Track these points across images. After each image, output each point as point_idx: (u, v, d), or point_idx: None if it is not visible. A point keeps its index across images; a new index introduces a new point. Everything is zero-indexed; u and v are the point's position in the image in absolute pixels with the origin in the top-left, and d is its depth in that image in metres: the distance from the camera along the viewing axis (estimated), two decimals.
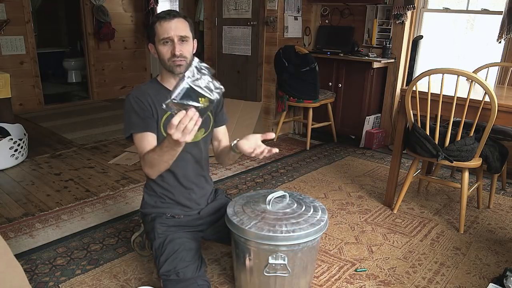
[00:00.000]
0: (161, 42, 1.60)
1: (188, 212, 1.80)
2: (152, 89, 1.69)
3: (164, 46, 1.61)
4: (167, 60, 1.62)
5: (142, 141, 1.64)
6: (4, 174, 3.08)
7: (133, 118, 1.63)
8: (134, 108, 1.63)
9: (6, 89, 3.30)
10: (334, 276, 1.93)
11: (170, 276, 1.59)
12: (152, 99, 1.66)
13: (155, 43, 1.63)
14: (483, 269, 2.02)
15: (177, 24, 1.60)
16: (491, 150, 2.37)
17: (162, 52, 1.62)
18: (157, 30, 1.60)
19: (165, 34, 1.59)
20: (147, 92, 1.67)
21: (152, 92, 1.67)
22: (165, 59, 1.62)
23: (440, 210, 2.65)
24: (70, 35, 7.45)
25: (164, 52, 1.61)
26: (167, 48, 1.61)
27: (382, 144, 3.98)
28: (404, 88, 2.71)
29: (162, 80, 1.72)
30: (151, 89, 1.69)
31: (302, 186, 2.98)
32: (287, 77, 3.78)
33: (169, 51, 1.61)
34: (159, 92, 1.68)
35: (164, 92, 1.68)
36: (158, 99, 1.65)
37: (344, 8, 4.13)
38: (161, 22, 1.59)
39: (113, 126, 4.45)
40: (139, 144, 1.64)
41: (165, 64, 1.65)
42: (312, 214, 1.65)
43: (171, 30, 1.59)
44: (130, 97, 1.65)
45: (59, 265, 1.97)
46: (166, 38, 1.59)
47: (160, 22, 1.59)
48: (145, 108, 1.63)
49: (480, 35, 3.57)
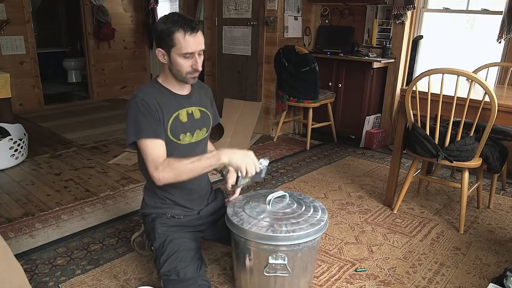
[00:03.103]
0: (182, 55, 1.56)
1: (188, 212, 1.80)
2: (156, 92, 1.67)
3: (184, 60, 1.57)
4: (185, 73, 1.61)
5: (155, 148, 1.59)
6: (4, 174, 3.08)
7: (142, 123, 1.59)
8: (142, 112, 1.59)
9: (6, 89, 3.30)
10: (334, 276, 1.93)
11: (171, 276, 1.59)
12: (158, 102, 1.63)
13: (170, 52, 1.58)
14: (483, 269, 2.02)
15: (200, 39, 1.57)
16: (491, 150, 2.37)
17: (181, 65, 1.58)
18: (178, 41, 1.54)
19: (188, 49, 1.55)
20: (152, 95, 1.64)
21: (157, 95, 1.65)
22: (182, 71, 1.60)
23: (440, 210, 2.65)
24: (70, 35, 7.45)
25: (185, 65, 1.58)
26: (188, 62, 1.58)
27: (382, 144, 3.98)
28: (404, 88, 2.71)
29: (165, 83, 1.70)
30: (155, 92, 1.66)
31: (302, 186, 2.98)
32: (287, 77, 3.78)
33: (190, 65, 1.59)
34: (163, 94, 1.67)
35: (168, 95, 1.68)
36: (163, 102, 1.64)
37: (344, 8, 4.13)
38: (185, 35, 1.53)
39: (113, 126, 4.45)
40: (152, 150, 1.58)
41: (180, 75, 1.62)
42: (312, 214, 1.65)
43: (196, 46, 1.56)
44: (137, 100, 1.60)
45: (59, 265, 1.97)
46: (189, 53, 1.56)
47: (184, 34, 1.53)
48: (153, 112, 1.60)
49: (480, 35, 3.57)
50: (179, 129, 1.69)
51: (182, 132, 1.70)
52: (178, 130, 1.68)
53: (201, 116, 1.77)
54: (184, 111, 1.70)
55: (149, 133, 1.59)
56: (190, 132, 1.73)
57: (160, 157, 1.57)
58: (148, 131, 1.59)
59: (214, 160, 1.52)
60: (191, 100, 1.74)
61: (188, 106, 1.72)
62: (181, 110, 1.70)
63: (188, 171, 1.55)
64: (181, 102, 1.70)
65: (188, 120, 1.72)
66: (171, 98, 1.68)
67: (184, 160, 1.55)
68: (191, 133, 1.73)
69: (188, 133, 1.72)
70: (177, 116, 1.68)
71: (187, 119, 1.71)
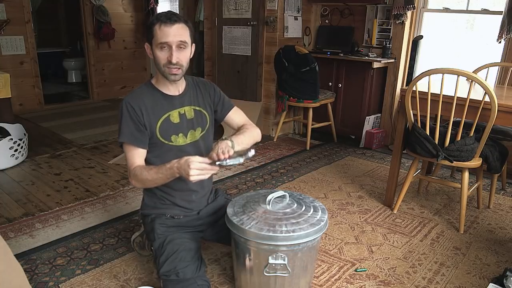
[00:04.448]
0: (158, 46, 1.56)
1: (187, 213, 1.80)
2: (146, 94, 1.67)
3: (161, 51, 1.57)
4: (162, 66, 1.59)
5: (132, 155, 1.64)
6: (4, 174, 3.08)
7: (124, 127, 1.63)
8: (125, 116, 1.62)
9: (6, 89, 3.30)
10: (334, 276, 1.93)
11: (170, 276, 1.59)
12: (146, 105, 1.64)
13: (151, 45, 1.60)
14: (483, 269, 2.02)
15: (177, 30, 1.55)
16: (491, 150, 2.37)
17: (158, 57, 1.58)
18: (155, 32, 1.55)
19: (163, 38, 1.53)
20: (141, 97, 1.65)
21: (146, 98, 1.66)
22: (160, 64, 1.59)
23: (440, 210, 2.65)
24: (70, 35, 7.44)
25: (161, 57, 1.58)
26: (163, 54, 1.57)
27: (382, 144, 3.98)
28: (404, 88, 2.71)
29: (157, 84, 1.70)
30: (145, 94, 1.67)
31: (302, 186, 2.98)
32: (287, 77, 3.78)
33: (166, 57, 1.57)
34: (153, 96, 1.67)
35: (158, 96, 1.67)
36: (152, 104, 1.65)
37: (344, 8, 4.13)
38: (161, 25, 1.53)
39: (113, 126, 4.45)
40: (128, 156, 1.65)
41: (160, 68, 1.62)
42: (312, 214, 1.65)
43: (170, 36, 1.53)
44: (124, 102, 1.64)
45: (59, 265, 1.97)
46: (163, 43, 1.55)
47: (160, 25, 1.53)
48: (136, 118, 1.62)
49: (480, 35, 3.57)
50: (170, 130, 1.69)
51: (173, 133, 1.69)
52: (169, 131, 1.68)
53: (195, 115, 1.75)
54: (175, 112, 1.70)
55: (128, 139, 1.63)
56: (183, 133, 1.72)
57: (133, 164, 1.63)
58: (128, 137, 1.63)
59: (169, 175, 1.54)
60: (184, 100, 1.73)
61: (179, 107, 1.71)
62: (172, 111, 1.69)
63: (150, 182, 1.61)
64: (172, 103, 1.70)
65: (181, 120, 1.71)
66: (162, 99, 1.68)
67: (145, 171, 1.59)
68: (184, 134, 1.72)
69: (180, 134, 1.71)
70: (168, 118, 1.68)
71: (179, 120, 1.70)
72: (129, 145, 1.64)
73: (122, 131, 1.63)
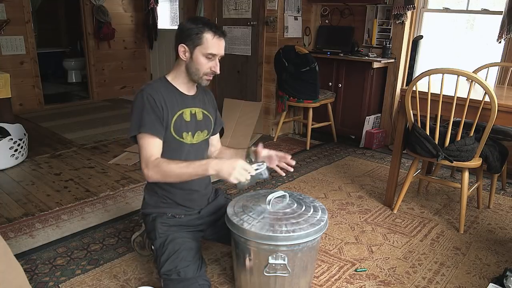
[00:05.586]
0: (205, 55, 1.61)
1: (188, 212, 1.80)
2: (164, 89, 1.68)
3: (206, 60, 1.62)
4: (202, 73, 1.64)
5: (151, 145, 1.61)
6: (4, 174, 3.08)
7: (145, 117, 1.61)
8: (146, 107, 1.61)
9: (6, 89, 3.30)
10: (334, 276, 1.93)
11: (171, 275, 1.60)
12: (164, 98, 1.64)
13: (194, 50, 1.61)
14: (483, 269, 2.02)
15: (223, 44, 1.64)
16: (491, 150, 2.37)
17: (201, 64, 1.62)
18: (205, 40, 1.59)
19: (214, 50, 1.60)
20: (160, 91, 1.66)
21: (164, 92, 1.66)
22: (200, 71, 1.64)
23: (440, 210, 2.65)
24: (70, 35, 7.44)
25: (204, 65, 1.63)
26: (208, 63, 1.63)
27: (382, 144, 3.98)
28: (404, 88, 2.71)
29: (174, 81, 1.71)
30: (163, 88, 1.68)
31: (302, 186, 2.98)
32: (287, 77, 3.78)
33: (210, 67, 1.63)
34: (170, 92, 1.68)
35: (174, 92, 1.69)
36: (169, 99, 1.66)
37: (344, 8, 4.13)
38: (214, 36, 1.59)
39: (113, 126, 4.45)
40: (147, 147, 1.60)
41: (197, 74, 1.65)
42: (312, 214, 1.65)
43: (221, 50, 1.63)
44: (144, 93, 1.62)
45: (59, 265, 1.97)
46: (213, 55, 1.61)
47: (212, 35, 1.59)
48: (157, 109, 1.62)
49: (480, 35, 3.57)
50: (183, 127, 1.70)
51: (185, 130, 1.71)
52: (181, 128, 1.70)
53: (203, 118, 1.78)
54: (188, 110, 1.72)
55: (149, 129, 1.61)
56: (191, 132, 1.74)
57: (152, 155, 1.59)
58: (149, 127, 1.61)
59: (201, 171, 1.52)
60: (196, 101, 1.76)
61: (192, 106, 1.74)
62: (186, 109, 1.71)
63: (174, 175, 1.56)
64: (186, 101, 1.72)
65: (191, 120, 1.73)
66: (177, 96, 1.70)
67: (174, 164, 1.55)
68: (192, 134, 1.74)
69: (190, 133, 1.73)
70: (181, 114, 1.70)
71: (190, 119, 1.73)
72: (150, 135, 1.61)
73: (141, 121, 1.60)
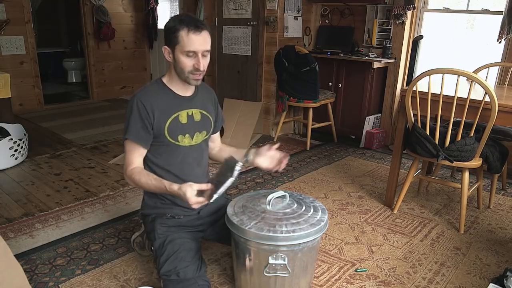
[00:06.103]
0: (184, 53, 1.56)
1: (188, 212, 1.79)
2: (158, 92, 1.67)
3: (187, 58, 1.57)
4: (187, 72, 1.60)
5: (132, 153, 1.66)
6: (4, 174, 3.07)
7: (131, 123, 1.63)
8: (134, 113, 1.63)
9: (6, 89, 3.30)
10: (334, 276, 1.93)
11: (171, 276, 1.59)
12: (158, 103, 1.65)
13: (174, 50, 1.58)
14: (483, 269, 2.02)
15: (203, 39, 1.55)
16: (491, 150, 2.37)
17: (183, 63, 1.58)
18: (182, 39, 1.53)
19: (191, 47, 1.54)
20: (153, 95, 1.66)
21: (158, 96, 1.66)
22: (184, 70, 1.60)
23: (440, 210, 2.65)
24: (70, 35, 7.44)
25: (187, 63, 1.58)
26: (190, 61, 1.57)
27: (382, 144, 3.98)
28: (404, 88, 2.71)
29: (169, 83, 1.70)
30: (157, 92, 1.67)
31: (302, 186, 2.98)
32: (287, 77, 3.78)
33: (192, 64, 1.58)
34: (165, 95, 1.68)
35: (170, 96, 1.69)
36: (162, 103, 1.65)
37: (344, 8, 4.13)
38: (189, 33, 1.52)
39: (113, 126, 4.45)
40: (128, 153, 1.66)
41: (182, 74, 1.62)
42: (312, 214, 1.65)
43: (199, 45, 1.54)
44: (135, 99, 1.63)
45: (59, 265, 1.97)
46: (191, 52, 1.55)
47: (187, 32, 1.52)
48: (146, 116, 1.62)
49: (480, 35, 3.57)
50: (178, 130, 1.70)
51: (181, 133, 1.70)
52: (177, 131, 1.69)
53: (201, 118, 1.77)
54: (184, 112, 1.71)
55: (133, 136, 1.64)
56: (189, 134, 1.73)
57: (131, 164, 1.65)
58: (133, 134, 1.64)
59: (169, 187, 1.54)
60: (193, 102, 1.75)
61: (188, 108, 1.73)
62: (181, 111, 1.70)
63: (143, 187, 1.64)
64: (182, 104, 1.71)
65: (188, 121, 1.72)
66: (172, 99, 1.69)
67: (144, 177, 1.61)
68: (190, 135, 1.73)
69: (187, 135, 1.72)
70: (177, 117, 1.69)
71: (187, 121, 1.72)
72: (132, 143, 1.65)
73: (129, 128, 1.64)
